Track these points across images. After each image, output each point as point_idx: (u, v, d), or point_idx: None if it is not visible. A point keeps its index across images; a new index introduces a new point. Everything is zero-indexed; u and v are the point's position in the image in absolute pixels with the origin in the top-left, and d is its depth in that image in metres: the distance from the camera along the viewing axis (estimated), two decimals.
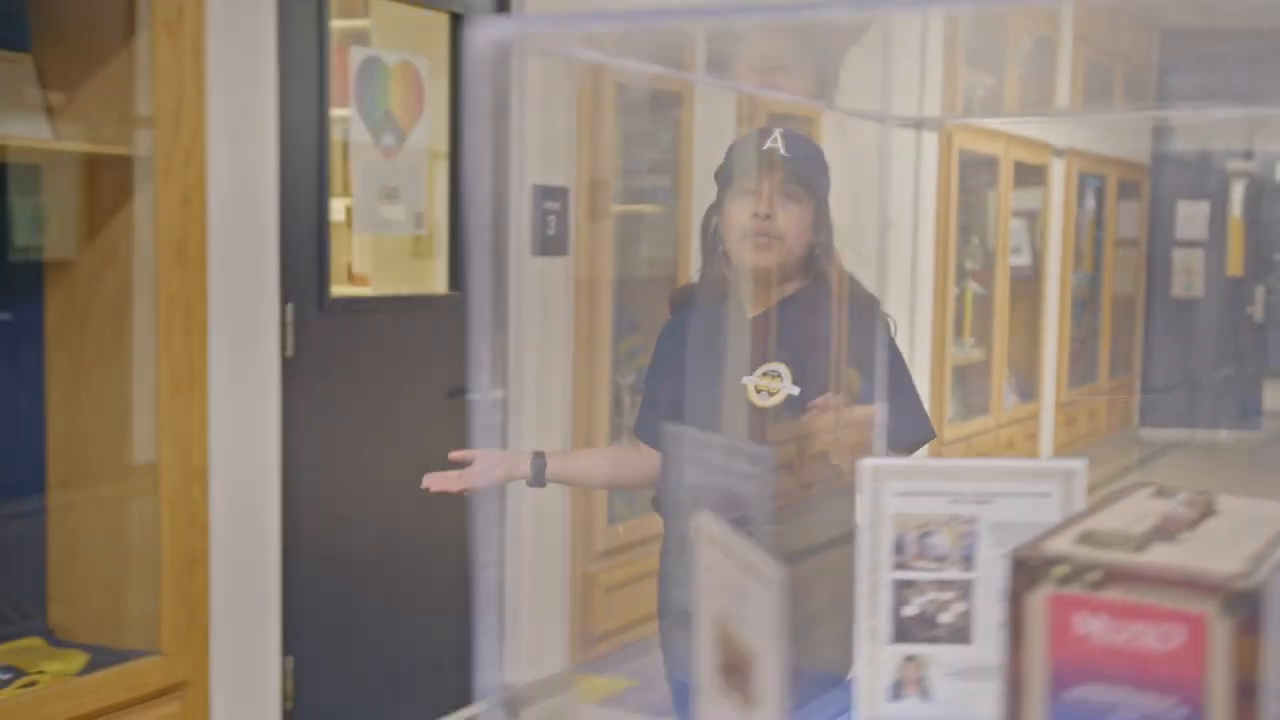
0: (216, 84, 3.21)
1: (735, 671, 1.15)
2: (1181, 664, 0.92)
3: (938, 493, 1.36)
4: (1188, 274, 11.46)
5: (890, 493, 1.37)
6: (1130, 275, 11.15)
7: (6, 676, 3.03)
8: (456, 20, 4.01)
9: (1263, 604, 0.90)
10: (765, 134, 2.41)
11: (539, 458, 2.51)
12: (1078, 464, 1.35)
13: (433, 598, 4.07)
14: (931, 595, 1.37)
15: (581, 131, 4.44)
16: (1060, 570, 0.96)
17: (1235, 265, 11.39)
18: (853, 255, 2.45)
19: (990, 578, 1.35)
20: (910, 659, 1.38)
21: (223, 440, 3.29)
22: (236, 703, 3.42)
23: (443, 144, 4.04)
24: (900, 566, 1.37)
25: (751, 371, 2.35)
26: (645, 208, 4.98)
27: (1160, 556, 0.98)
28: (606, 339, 4.60)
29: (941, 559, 1.36)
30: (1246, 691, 0.90)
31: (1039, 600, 0.97)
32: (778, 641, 1.06)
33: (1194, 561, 0.96)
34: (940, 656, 1.38)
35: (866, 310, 2.38)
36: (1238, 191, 11.40)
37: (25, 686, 2.97)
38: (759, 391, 2.33)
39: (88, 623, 3.24)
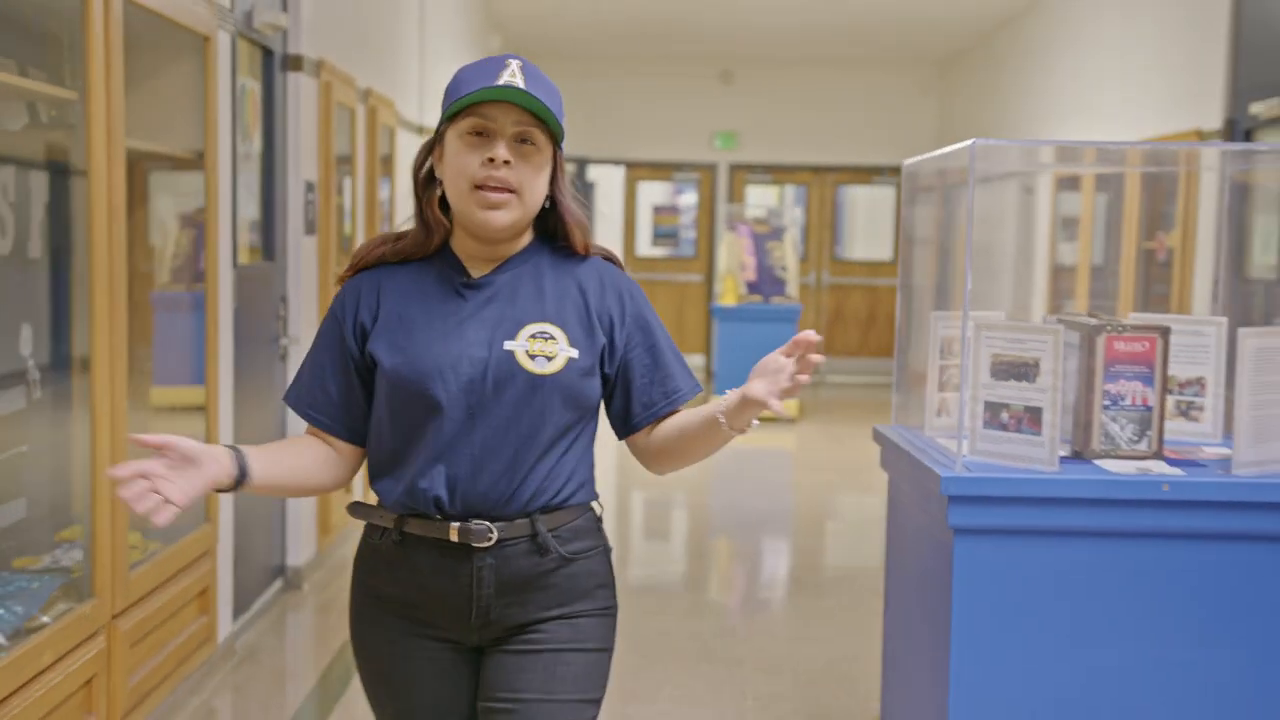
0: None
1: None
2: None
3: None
4: None
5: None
6: None
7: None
8: (267, 54, 5.26)
9: None
10: (499, 64, 2.04)
11: (241, 457, 2.03)
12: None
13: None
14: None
15: (320, 138, 5.80)
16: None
17: None
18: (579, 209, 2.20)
19: None
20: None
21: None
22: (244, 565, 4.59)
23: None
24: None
25: (512, 335, 2.09)
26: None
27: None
28: None
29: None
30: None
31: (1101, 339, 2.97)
32: None
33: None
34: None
35: (610, 270, 2.22)
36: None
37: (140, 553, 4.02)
38: (533, 357, 2.08)
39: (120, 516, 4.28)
